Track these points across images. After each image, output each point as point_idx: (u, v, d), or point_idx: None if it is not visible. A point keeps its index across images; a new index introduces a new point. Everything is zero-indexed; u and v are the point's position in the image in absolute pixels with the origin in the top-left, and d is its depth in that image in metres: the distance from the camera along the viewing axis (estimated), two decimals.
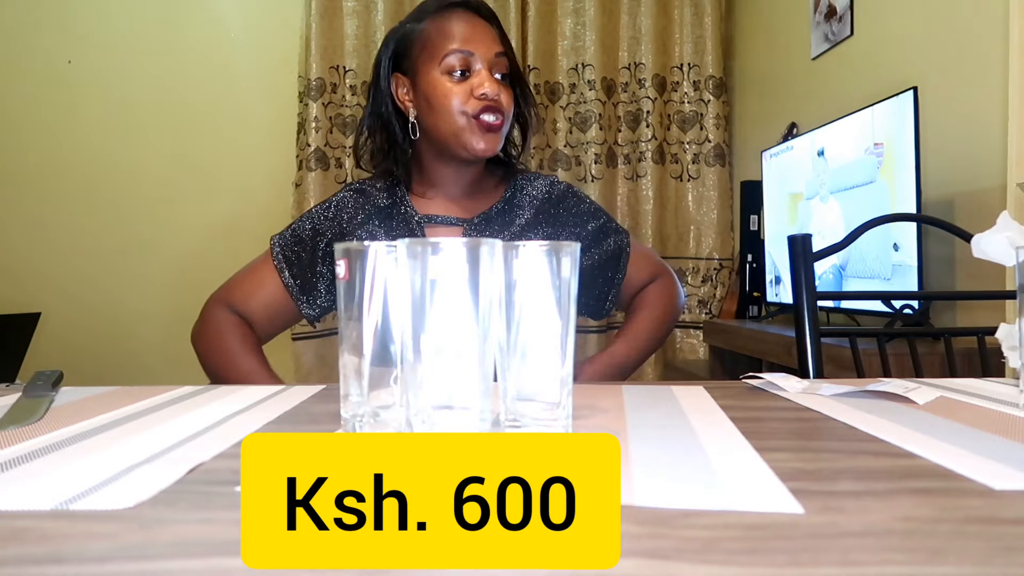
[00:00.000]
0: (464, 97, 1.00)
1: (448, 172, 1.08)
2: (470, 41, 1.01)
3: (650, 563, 0.29)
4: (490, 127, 1.00)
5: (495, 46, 1.02)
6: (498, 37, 1.04)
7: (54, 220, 2.98)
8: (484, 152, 1.01)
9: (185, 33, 3.01)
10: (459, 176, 1.08)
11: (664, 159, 2.97)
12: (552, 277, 0.47)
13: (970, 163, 1.71)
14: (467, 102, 1.00)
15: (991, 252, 0.69)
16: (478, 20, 1.03)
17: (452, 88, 1.00)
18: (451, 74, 1.00)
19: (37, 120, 2.98)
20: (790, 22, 2.57)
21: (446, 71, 1.00)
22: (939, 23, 1.83)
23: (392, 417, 0.49)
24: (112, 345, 2.96)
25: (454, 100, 0.99)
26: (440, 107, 1.00)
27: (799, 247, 1.08)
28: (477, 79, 1.00)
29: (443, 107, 1.00)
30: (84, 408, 0.63)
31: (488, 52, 1.01)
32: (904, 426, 0.54)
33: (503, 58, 1.03)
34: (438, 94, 1.00)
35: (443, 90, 1.00)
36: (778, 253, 2.35)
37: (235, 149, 3.02)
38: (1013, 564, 0.29)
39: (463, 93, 1.00)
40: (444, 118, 1.00)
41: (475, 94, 0.99)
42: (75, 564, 0.30)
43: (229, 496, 0.38)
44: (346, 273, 0.49)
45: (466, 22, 1.02)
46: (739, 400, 0.65)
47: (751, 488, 0.39)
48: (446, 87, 1.00)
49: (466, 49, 1.00)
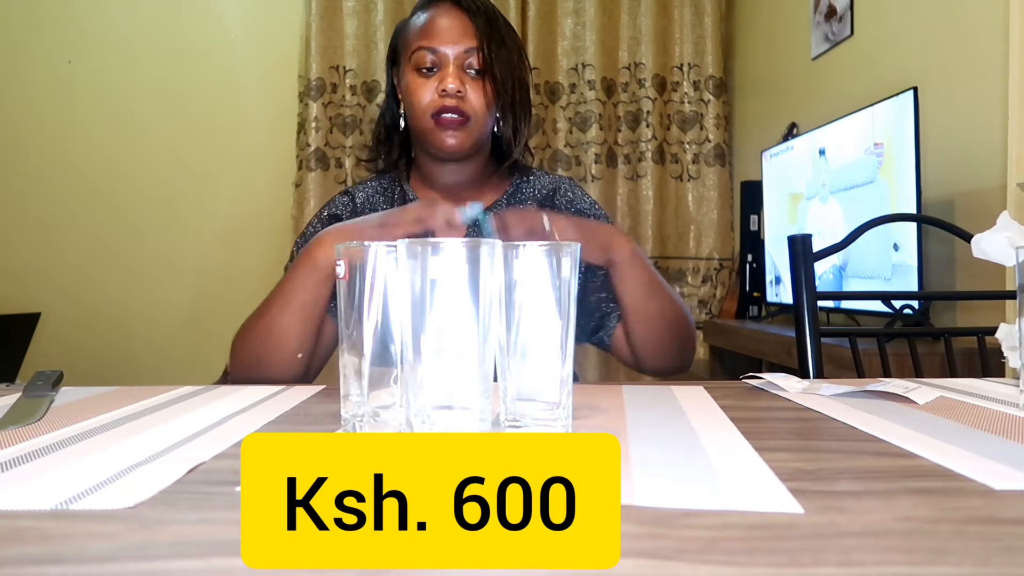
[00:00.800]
0: (428, 94, 0.99)
1: (438, 169, 1.07)
2: (438, 37, 0.99)
3: (650, 563, 0.29)
4: (449, 124, 0.99)
5: (466, 40, 1.00)
6: (476, 31, 1.01)
7: (54, 220, 2.98)
8: (452, 148, 1.00)
9: (185, 33, 3.01)
10: (451, 173, 1.07)
11: (664, 159, 2.97)
12: (552, 277, 0.47)
13: (970, 163, 1.71)
14: (431, 99, 0.99)
15: (991, 252, 0.69)
16: (458, 15, 1.01)
17: (420, 84, 0.99)
18: (420, 70, 1.00)
19: (37, 120, 2.99)
20: (790, 22, 2.57)
21: (415, 67, 1.00)
22: (939, 23, 1.83)
23: (392, 417, 0.49)
24: (112, 345, 2.96)
25: (420, 97, 0.99)
26: (408, 104, 1.01)
27: (799, 247, 1.08)
28: (440, 76, 0.99)
29: (411, 104, 1.00)
30: (84, 408, 0.63)
31: (456, 48, 0.99)
32: (904, 426, 0.54)
33: (475, 53, 1.00)
34: (408, 91, 1.01)
35: (412, 86, 1.00)
36: (778, 253, 2.35)
37: (235, 149, 3.02)
38: (1013, 564, 0.29)
39: (429, 90, 0.99)
40: (412, 112, 1.01)
41: (438, 91, 0.99)
42: (75, 564, 0.30)
43: (229, 496, 0.38)
44: (346, 273, 0.49)
45: (445, 16, 1.01)
46: (739, 400, 0.65)
47: (751, 488, 0.39)
48: (415, 83, 1.00)
49: (432, 46, 0.99)
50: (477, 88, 1.00)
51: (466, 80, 1.00)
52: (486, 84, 1.01)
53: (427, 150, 1.04)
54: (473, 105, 1.00)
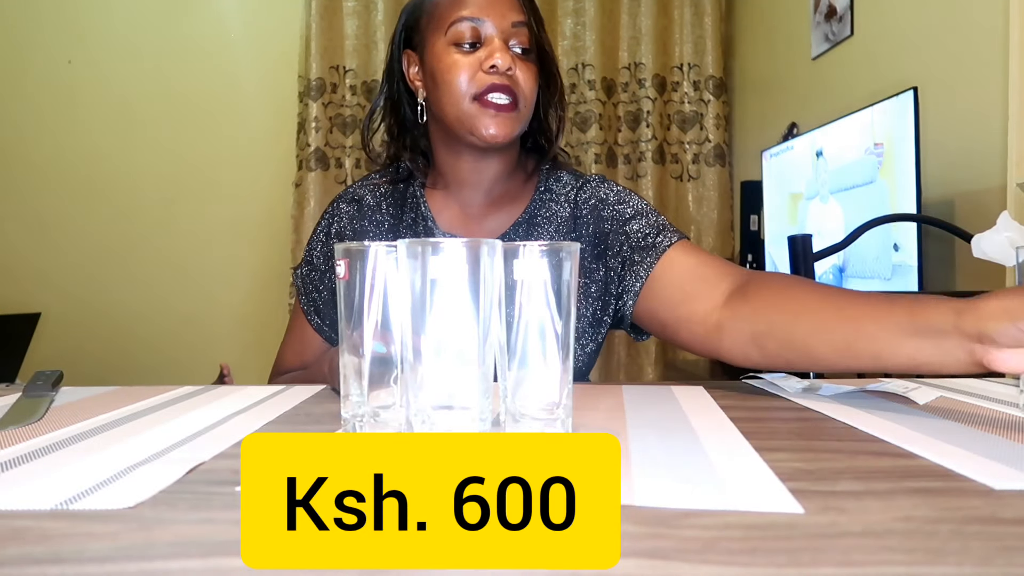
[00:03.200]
0: (472, 71, 0.86)
1: (462, 166, 0.93)
2: (482, 7, 0.87)
3: (650, 563, 0.29)
4: (500, 108, 0.86)
5: (513, 14, 0.88)
6: (519, 4, 0.90)
7: (54, 220, 2.98)
8: (495, 139, 0.86)
9: (185, 33, 3.01)
10: (482, 169, 0.93)
11: (664, 159, 2.97)
12: (552, 277, 0.47)
13: (970, 163, 1.71)
14: (474, 77, 0.86)
15: (991, 252, 0.69)
16: None
17: (458, 61, 0.86)
18: (459, 45, 0.87)
19: (37, 120, 2.98)
20: (790, 22, 2.57)
21: (453, 41, 0.87)
22: (939, 23, 1.83)
23: (392, 417, 0.49)
24: (112, 345, 2.96)
25: (460, 75, 0.86)
26: (444, 83, 0.87)
27: (799, 247, 1.08)
28: (486, 50, 0.86)
29: (448, 83, 0.87)
30: (84, 408, 0.63)
31: (503, 20, 0.87)
32: (904, 426, 0.54)
33: (523, 28, 0.88)
34: (442, 68, 0.87)
35: (448, 63, 0.87)
36: (778, 253, 2.35)
37: (235, 149, 3.02)
38: (1013, 564, 0.29)
39: (470, 67, 0.86)
40: (449, 97, 0.87)
41: (483, 67, 0.86)
42: (75, 564, 0.30)
43: (229, 496, 0.38)
44: (346, 273, 0.49)
45: None
46: (739, 400, 0.65)
47: (751, 488, 0.38)
48: (451, 59, 0.86)
49: (477, 17, 0.86)
50: (526, 69, 0.89)
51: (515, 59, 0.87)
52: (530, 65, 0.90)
53: (463, 140, 0.90)
54: (523, 87, 0.88)
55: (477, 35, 0.87)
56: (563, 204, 0.96)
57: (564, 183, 0.98)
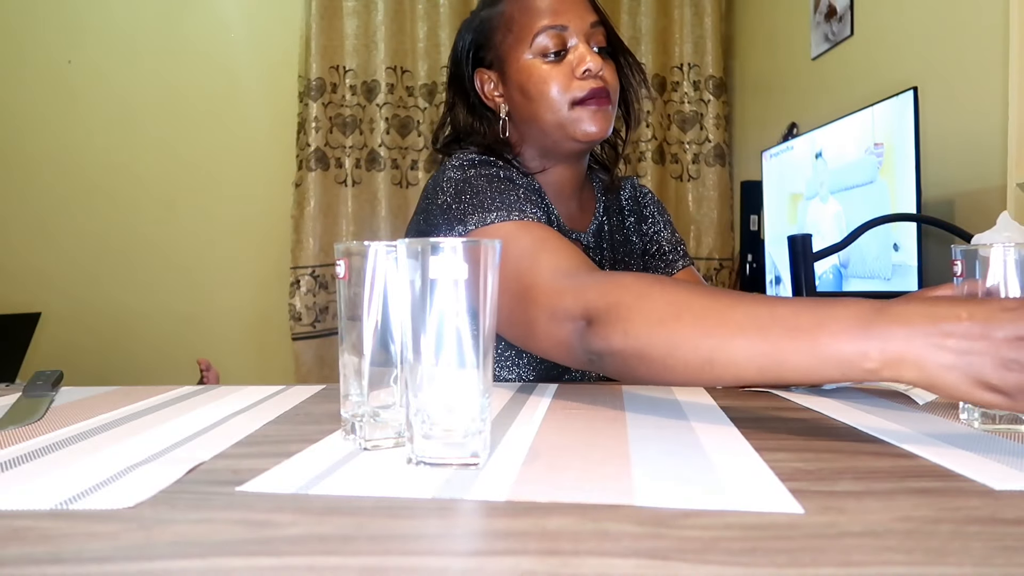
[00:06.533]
0: (566, 80, 0.87)
1: (549, 175, 0.94)
2: (560, 13, 0.87)
3: (650, 563, 0.29)
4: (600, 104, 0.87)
5: (589, 15, 0.89)
6: (591, 5, 0.90)
7: (54, 220, 2.98)
8: (596, 136, 0.87)
9: (185, 33, 3.01)
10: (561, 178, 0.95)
11: (664, 159, 2.97)
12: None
13: (970, 163, 1.71)
14: (570, 86, 0.87)
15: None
16: None
17: (549, 72, 0.87)
18: (545, 56, 0.88)
19: (37, 120, 2.98)
20: (790, 22, 2.57)
21: (539, 53, 0.88)
22: (939, 23, 1.83)
23: (392, 417, 0.49)
24: (112, 345, 2.96)
25: (554, 85, 0.87)
26: (539, 95, 0.87)
27: (799, 247, 1.08)
28: (575, 55, 0.87)
29: (542, 95, 0.87)
30: (84, 408, 0.63)
31: (582, 23, 0.88)
32: (904, 426, 0.54)
33: (600, 28, 0.89)
34: (534, 81, 0.87)
35: (539, 75, 0.87)
36: (778, 253, 2.35)
37: (235, 149, 3.02)
38: (1013, 564, 0.29)
39: (563, 75, 0.87)
40: (546, 107, 0.87)
41: (576, 73, 0.86)
42: (75, 564, 0.30)
43: (229, 496, 0.38)
44: (346, 273, 0.49)
45: None
46: (739, 400, 0.65)
47: (751, 488, 0.38)
48: (542, 72, 0.87)
49: (558, 24, 0.87)
50: (608, 67, 0.90)
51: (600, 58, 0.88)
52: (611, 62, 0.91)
53: (559, 147, 0.91)
54: (612, 85, 0.89)
55: (561, 42, 0.88)
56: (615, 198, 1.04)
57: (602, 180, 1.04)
